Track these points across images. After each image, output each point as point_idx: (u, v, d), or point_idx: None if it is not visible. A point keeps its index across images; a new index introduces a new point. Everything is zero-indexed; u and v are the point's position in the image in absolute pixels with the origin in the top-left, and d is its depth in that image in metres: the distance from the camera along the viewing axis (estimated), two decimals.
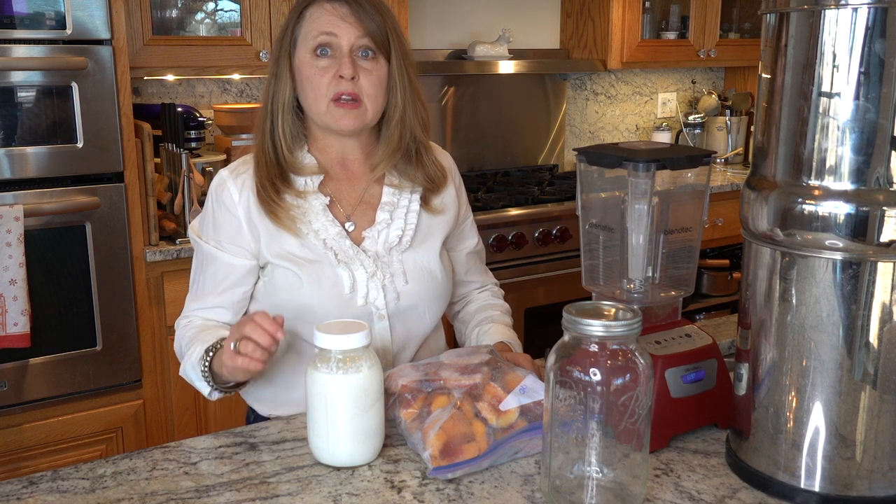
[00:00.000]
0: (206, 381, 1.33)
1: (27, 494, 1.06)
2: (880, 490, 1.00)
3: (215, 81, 2.96)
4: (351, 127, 1.38)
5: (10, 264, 2.10)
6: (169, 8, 2.65)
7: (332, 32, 1.36)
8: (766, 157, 1.04)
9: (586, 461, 0.99)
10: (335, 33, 1.36)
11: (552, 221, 2.96)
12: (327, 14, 1.37)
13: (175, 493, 1.06)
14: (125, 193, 2.30)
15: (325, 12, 1.37)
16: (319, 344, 1.10)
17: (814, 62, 0.96)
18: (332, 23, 1.36)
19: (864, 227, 0.95)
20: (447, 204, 1.51)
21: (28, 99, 2.16)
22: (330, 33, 1.36)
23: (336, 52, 1.37)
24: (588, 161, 1.23)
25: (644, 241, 1.18)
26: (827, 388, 0.99)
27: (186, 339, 1.39)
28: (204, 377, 1.33)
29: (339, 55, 1.36)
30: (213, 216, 1.42)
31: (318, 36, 1.36)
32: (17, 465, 2.26)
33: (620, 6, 3.41)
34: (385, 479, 1.09)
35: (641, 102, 4.05)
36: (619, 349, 0.96)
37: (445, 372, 1.20)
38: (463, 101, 3.48)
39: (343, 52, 1.36)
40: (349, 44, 1.36)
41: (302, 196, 1.40)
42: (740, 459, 1.09)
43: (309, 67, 1.37)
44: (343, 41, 1.36)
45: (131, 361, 2.38)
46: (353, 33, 1.36)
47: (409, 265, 1.43)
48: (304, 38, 1.38)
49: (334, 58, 1.37)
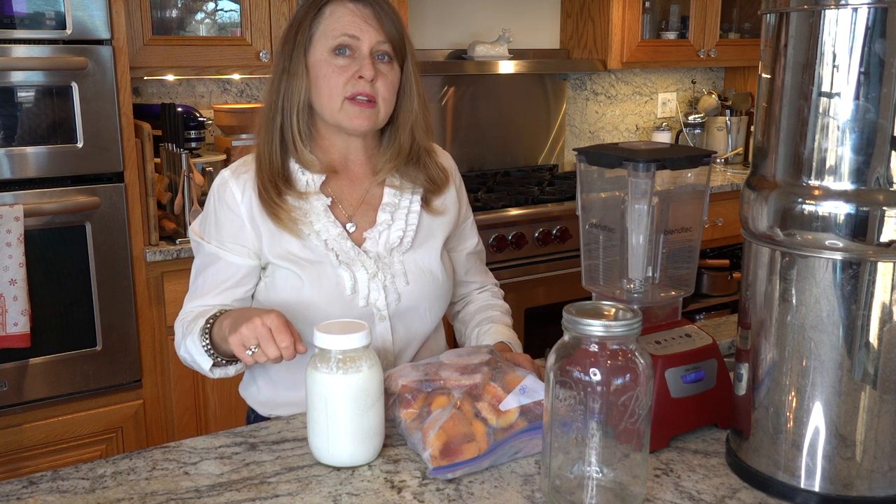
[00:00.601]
0: (207, 354, 1.32)
1: (27, 494, 1.06)
2: (880, 490, 1.00)
3: (215, 81, 2.96)
4: (364, 127, 1.38)
5: (10, 264, 2.10)
6: (169, 8, 2.65)
7: (354, 35, 1.35)
8: (766, 157, 1.04)
9: (586, 461, 0.99)
10: (357, 36, 1.35)
11: (552, 221, 2.96)
12: (350, 14, 1.36)
13: (175, 493, 1.06)
14: (125, 193, 2.30)
15: (348, 12, 1.36)
16: (319, 344, 1.10)
17: (814, 62, 0.96)
18: (355, 24, 1.35)
19: (864, 227, 0.95)
20: (448, 205, 1.51)
21: (28, 99, 2.16)
22: (353, 36, 1.35)
23: (355, 52, 1.36)
24: (588, 161, 1.23)
25: (644, 241, 1.18)
26: (827, 388, 0.99)
27: (186, 323, 1.38)
28: (205, 349, 1.31)
29: (359, 56, 1.36)
30: (215, 216, 1.42)
31: (340, 36, 1.35)
32: (17, 465, 2.26)
33: (620, 6, 3.41)
34: (385, 479, 1.09)
35: (641, 102, 4.05)
36: (619, 349, 0.96)
37: (445, 372, 1.20)
38: (463, 101, 3.48)
39: (363, 53, 1.36)
40: (370, 46, 1.36)
41: (303, 197, 1.40)
42: (740, 459, 1.09)
43: (326, 65, 1.36)
44: (364, 44, 1.35)
45: (131, 361, 2.38)
46: (375, 37, 1.36)
47: (410, 266, 1.43)
48: (324, 36, 1.37)
49: (353, 58, 1.36)
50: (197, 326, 1.34)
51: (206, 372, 1.35)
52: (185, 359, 1.39)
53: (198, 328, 1.33)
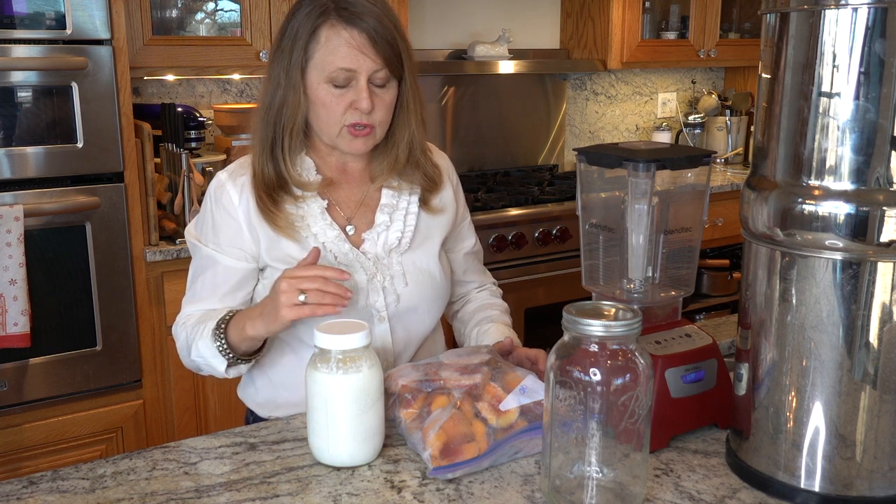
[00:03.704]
0: (222, 355, 1.32)
1: (27, 494, 1.06)
2: (880, 490, 1.00)
3: (215, 81, 2.96)
4: (362, 150, 1.39)
5: (10, 264, 2.10)
6: (169, 8, 2.65)
7: (349, 69, 1.32)
8: (766, 157, 1.04)
9: (586, 461, 0.99)
10: (354, 69, 1.32)
11: (552, 221, 2.96)
12: (345, 46, 1.31)
13: (175, 493, 1.06)
14: (125, 193, 2.30)
15: (343, 42, 1.32)
16: (319, 344, 1.10)
17: (814, 62, 0.96)
18: (350, 56, 1.32)
19: (864, 227, 0.95)
20: (445, 204, 1.51)
21: (28, 99, 2.16)
22: (348, 70, 1.32)
23: (352, 82, 1.33)
24: (588, 161, 1.23)
25: (644, 241, 1.18)
26: (827, 388, 0.99)
27: (190, 328, 1.38)
28: (220, 351, 1.32)
29: (356, 85, 1.33)
30: (212, 219, 1.41)
31: (336, 70, 1.32)
32: (17, 465, 2.26)
33: (620, 6, 3.41)
34: (385, 479, 1.09)
35: (641, 102, 4.05)
36: (619, 349, 0.96)
37: (445, 372, 1.20)
38: (463, 101, 3.48)
39: (360, 85, 1.33)
40: (367, 76, 1.33)
41: (300, 200, 1.40)
42: (740, 459, 1.09)
43: (325, 93, 1.34)
44: (361, 75, 1.33)
45: (131, 361, 2.38)
46: (370, 66, 1.32)
47: (408, 267, 1.43)
48: (320, 66, 1.33)
49: (350, 87, 1.34)
50: (207, 329, 1.34)
51: (220, 374, 1.36)
52: (196, 363, 1.39)
53: (208, 331, 1.33)
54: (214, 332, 1.32)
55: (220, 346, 1.32)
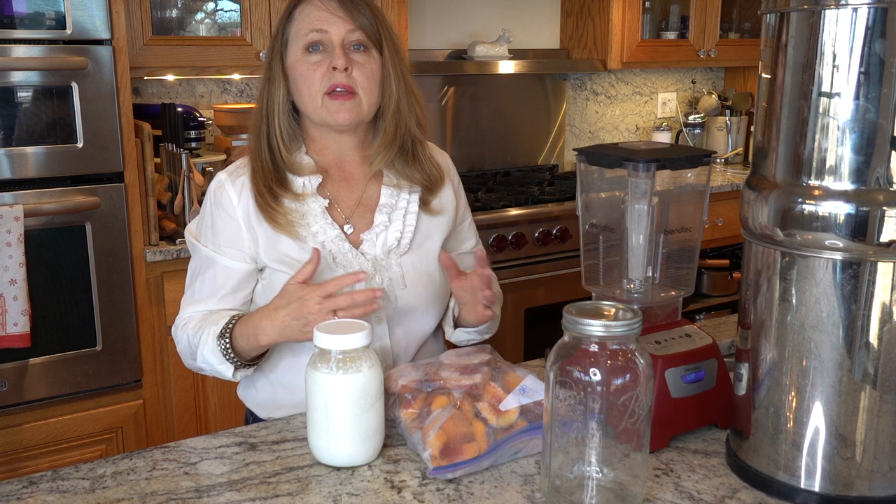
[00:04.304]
0: (229, 361, 1.34)
1: (27, 494, 1.06)
2: (880, 490, 1.00)
3: (215, 81, 2.96)
4: (347, 120, 1.38)
5: (10, 264, 2.10)
6: (169, 8, 2.65)
7: (322, 29, 1.36)
8: (766, 157, 1.04)
9: (586, 461, 0.99)
10: (325, 29, 1.36)
11: (552, 221, 2.96)
12: (317, 10, 1.37)
13: (175, 493, 1.06)
14: (125, 193, 2.30)
15: (315, 9, 1.37)
16: (319, 344, 1.10)
17: (814, 62, 0.96)
18: (322, 19, 1.36)
19: (864, 227, 0.95)
20: (445, 204, 1.51)
21: (28, 99, 2.16)
22: (321, 30, 1.36)
23: (327, 46, 1.37)
24: (588, 161, 1.23)
25: (644, 241, 1.18)
26: (827, 388, 0.99)
27: (191, 332, 1.38)
28: (226, 357, 1.34)
29: (331, 49, 1.36)
30: (211, 219, 1.42)
31: (309, 34, 1.36)
32: (17, 465, 2.26)
33: (620, 6, 3.41)
34: (385, 479, 1.09)
35: (641, 102, 4.05)
36: (619, 349, 0.96)
37: (445, 372, 1.20)
38: (463, 101, 3.48)
39: (334, 45, 1.36)
40: (340, 38, 1.36)
41: (300, 199, 1.40)
42: (740, 459, 1.09)
43: (301, 64, 1.37)
44: (334, 36, 1.36)
45: (131, 361, 2.38)
46: (344, 27, 1.36)
47: (407, 269, 1.43)
48: (295, 37, 1.38)
49: (326, 52, 1.37)
50: (211, 336, 1.34)
51: (227, 378, 1.38)
52: (202, 369, 1.40)
53: (213, 338, 1.34)
54: (220, 340, 1.33)
55: (226, 353, 1.34)
